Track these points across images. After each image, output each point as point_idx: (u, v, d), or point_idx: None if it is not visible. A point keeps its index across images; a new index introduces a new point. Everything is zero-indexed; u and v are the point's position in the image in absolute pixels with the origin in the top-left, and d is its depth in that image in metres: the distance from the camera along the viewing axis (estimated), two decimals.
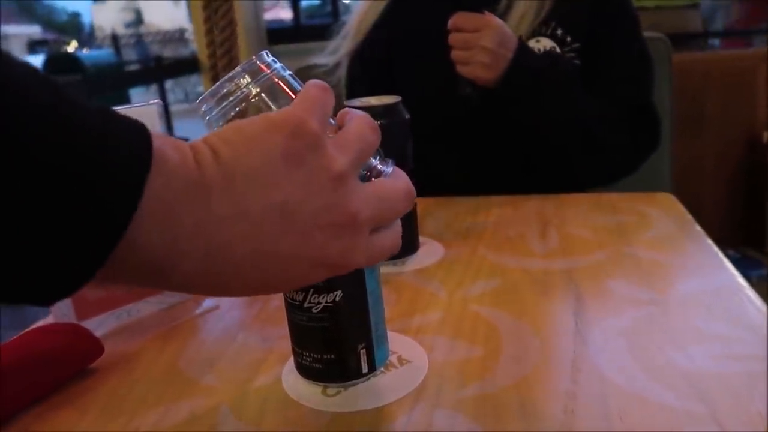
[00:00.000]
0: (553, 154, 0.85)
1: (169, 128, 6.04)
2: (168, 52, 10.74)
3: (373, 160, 0.35)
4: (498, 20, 0.77)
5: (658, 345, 0.46)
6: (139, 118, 0.61)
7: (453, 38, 0.77)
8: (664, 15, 1.96)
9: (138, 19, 18.29)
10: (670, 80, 1.17)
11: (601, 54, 0.86)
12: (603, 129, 0.84)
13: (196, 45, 2.02)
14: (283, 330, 0.51)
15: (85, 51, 10.41)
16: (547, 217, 0.76)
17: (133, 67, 8.44)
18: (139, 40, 11.61)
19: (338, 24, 1.05)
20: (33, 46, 10.32)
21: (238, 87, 0.34)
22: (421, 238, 0.69)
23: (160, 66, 3.16)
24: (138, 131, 0.25)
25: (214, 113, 0.34)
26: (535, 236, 0.70)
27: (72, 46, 11.83)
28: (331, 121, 0.33)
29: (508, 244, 0.68)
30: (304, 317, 0.41)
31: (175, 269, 0.26)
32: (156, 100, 0.57)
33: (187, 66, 2.54)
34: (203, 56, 1.94)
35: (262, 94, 0.33)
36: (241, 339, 0.52)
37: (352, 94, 0.98)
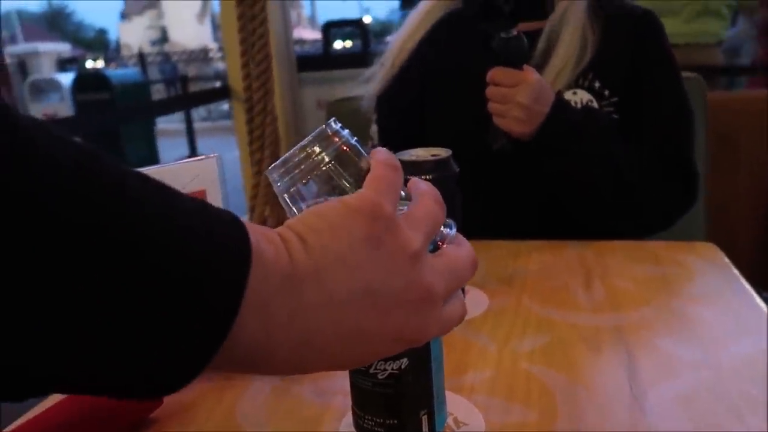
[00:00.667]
0: (587, 206, 0.85)
1: (192, 147, 6.14)
2: (192, 71, 10.93)
3: (441, 229, 0.36)
4: (535, 76, 0.77)
5: (714, 413, 0.46)
6: (199, 171, 0.62)
7: (490, 92, 0.78)
8: (692, 51, 1.96)
9: (163, 37, 18.66)
10: (705, 119, 1.18)
11: (640, 108, 0.86)
12: (640, 184, 0.83)
13: (228, 71, 2.06)
14: (337, 385, 0.52)
15: (111, 68, 10.61)
16: (588, 265, 0.76)
17: (159, 87, 8.61)
18: (165, 59, 11.83)
19: (370, 53, 1.07)
20: (63, 64, 10.56)
21: (309, 156, 0.35)
22: (465, 286, 0.70)
23: (190, 95, 3.22)
24: (236, 227, 0.26)
25: (285, 181, 0.35)
26: (579, 286, 0.70)
27: (98, 63, 12.08)
28: (402, 193, 0.34)
29: (553, 294, 0.68)
30: (368, 382, 0.41)
31: (270, 358, 0.27)
32: (215, 154, 0.59)
33: (217, 94, 2.58)
34: (235, 82, 1.98)
35: (332, 163, 0.35)
36: (296, 392, 0.53)
37: (385, 138, 0.99)
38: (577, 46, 0.85)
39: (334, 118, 0.37)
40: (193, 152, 6.23)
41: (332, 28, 3.53)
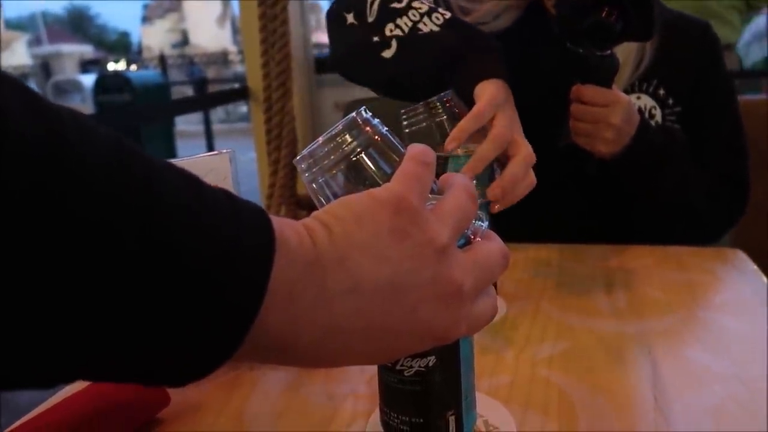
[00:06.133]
0: (649, 215, 0.85)
1: (211, 148, 6.19)
2: (211, 73, 11.03)
3: (472, 223, 0.34)
4: (625, 96, 0.75)
5: (743, 428, 0.43)
6: (212, 167, 0.61)
7: (579, 111, 0.74)
8: None
9: (184, 40, 18.88)
10: None
11: (701, 123, 0.86)
12: (702, 201, 0.83)
13: (247, 72, 2.07)
14: (347, 387, 0.50)
15: (132, 69, 10.74)
16: (611, 270, 0.74)
17: (179, 88, 8.70)
18: (185, 62, 11.96)
19: None
20: (85, 66, 10.72)
21: (339, 146, 0.33)
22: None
23: (209, 95, 3.25)
24: (259, 215, 0.26)
25: (314, 171, 0.34)
26: (600, 292, 0.68)
27: (120, 65, 12.25)
28: (433, 186, 0.33)
29: (573, 299, 0.66)
30: (395, 379, 0.40)
31: (294, 346, 0.27)
32: (228, 150, 0.58)
33: (235, 95, 2.59)
34: (254, 83, 1.99)
35: (363, 153, 0.33)
36: (305, 393, 0.52)
37: None
38: (634, 48, 0.82)
39: (364, 107, 0.36)
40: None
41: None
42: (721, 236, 0.88)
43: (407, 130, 0.60)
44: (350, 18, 0.75)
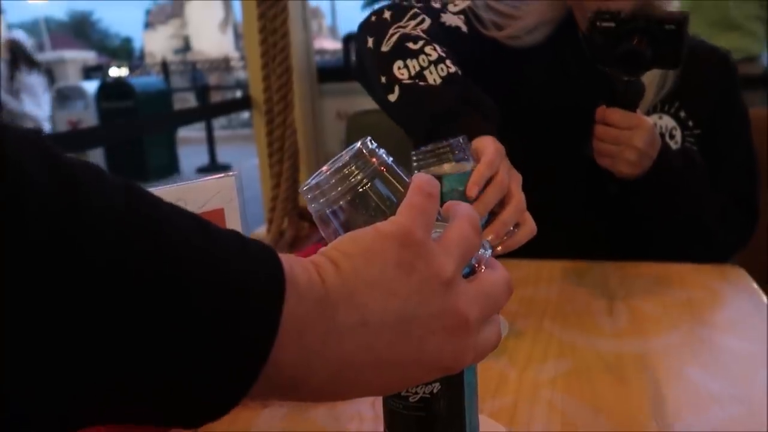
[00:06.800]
0: (662, 233, 0.86)
1: (212, 155, 6.20)
2: (213, 80, 11.05)
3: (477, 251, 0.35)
4: (649, 121, 0.77)
5: None
6: (218, 189, 0.61)
7: (603, 132, 0.76)
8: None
9: (186, 46, 18.94)
10: None
11: (717, 147, 0.87)
12: (715, 222, 0.85)
13: (250, 80, 2.07)
14: (353, 409, 0.51)
15: (135, 75, 10.76)
16: (612, 287, 0.74)
17: (181, 95, 8.72)
18: (188, 68, 11.98)
19: None
20: (88, 72, 10.73)
21: (346, 177, 0.34)
22: None
23: (211, 106, 3.26)
24: (268, 255, 0.27)
25: (321, 202, 0.35)
26: (602, 310, 0.68)
27: (122, 71, 12.26)
28: (438, 216, 0.33)
29: (575, 318, 0.67)
30: (400, 405, 0.41)
31: (306, 382, 0.27)
32: (234, 172, 0.58)
33: (238, 105, 2.60)
34: (256, 92, 1.99)
35: (369, 184, 0.34)
36: (311, 416, 0.52)
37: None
38: (658, 73, 0.84)
39: (369, 138, 0.36)
40: (212, 160, 6.30)
41: (353, 40, 3.51)
42: (730, 256, 0.89)
43: (417, 172, 0.62)
44: (370, 42, 0.79)
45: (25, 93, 4.86)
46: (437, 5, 0.87)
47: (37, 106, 4.91)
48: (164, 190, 0.49)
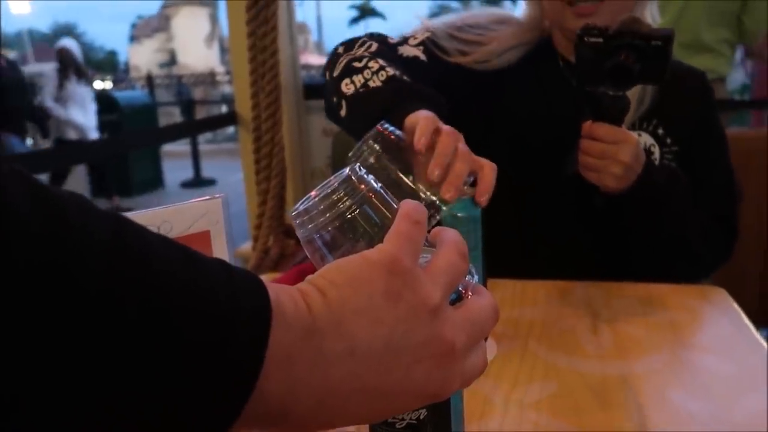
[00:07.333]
0: (644, 251, 0.87)
1: (197, 170, 6.16)
2: (199, 94, 11.03)
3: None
4: (634, 135, 0.78)
5: None
6: (205, 211, 0.61)
7: (589, 146, 0.77)
8: None
9: (172, 60, 18.91)
10: None
11: (696, 165, 0.89)
12: (697, 239, 0.86)
13: (236, 96, 2.07)
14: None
15: (118, 89, 10.68)
16: (596, 308, 0.75)
17: (166, 108, 8.68)
18: (173, 82, 11.94)
19: None
20: None
21: (335, 204, 0.34)
22: None
23: (197, 122, 3.25)
24: (254, 284, 0.27)
25: (309, 228, 0.35)
26: (586, 331, 0.69)
27: (106, 84, 12.17)
28: (426, 242, 0.34)
29: (560, 339, 0.67)
30: (386, 431, 0.41)
31: (292, 412, 0.27)
32: (220, 195, 0.58)
33: (223, 121, 2.60)
34: (241, 108, 1.99)
35: (358, 210, 0.34)
36: None
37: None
38: (637, 90, 0.86)
39: (358, 164, 0.36)
40: (197, 174, 6.27)
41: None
42: (711, 273, 0.91)
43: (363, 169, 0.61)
44: (327, 75, 0.84)
45: (73, 101, 4.82)
46: (394, 41, 0.89)
47: (83, 115, 4.86)
48: (151, 213, 0.49)
